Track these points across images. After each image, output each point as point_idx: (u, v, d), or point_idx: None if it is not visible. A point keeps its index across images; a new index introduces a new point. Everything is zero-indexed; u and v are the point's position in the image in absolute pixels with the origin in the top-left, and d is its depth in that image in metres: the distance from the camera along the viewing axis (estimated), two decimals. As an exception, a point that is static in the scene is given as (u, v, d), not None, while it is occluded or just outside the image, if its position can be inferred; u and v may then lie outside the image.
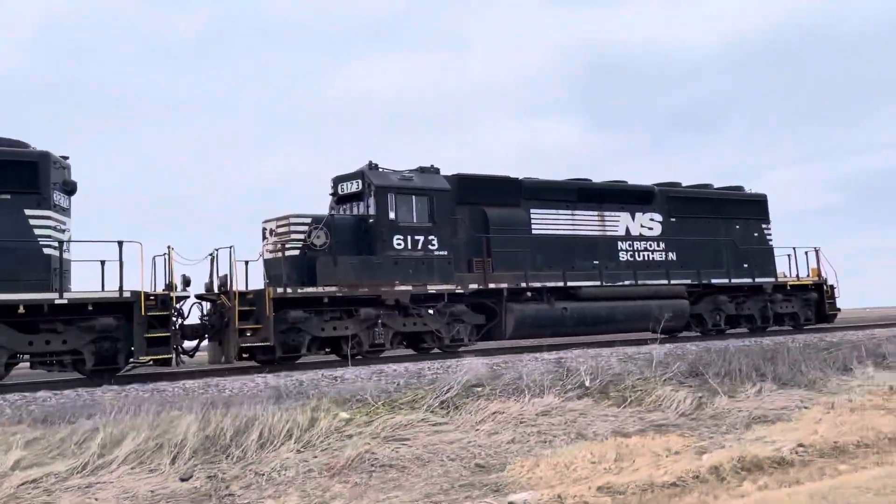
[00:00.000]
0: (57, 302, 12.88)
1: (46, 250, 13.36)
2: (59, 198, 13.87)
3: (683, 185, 22.13)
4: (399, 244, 16.39)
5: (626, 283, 19.32)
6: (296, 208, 17.04)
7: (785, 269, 23.24)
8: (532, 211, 18.65)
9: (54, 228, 13.59)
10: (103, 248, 14.37)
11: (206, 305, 15.50)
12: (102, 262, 14.81)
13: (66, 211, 14.18)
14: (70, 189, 14.21)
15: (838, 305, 23.46)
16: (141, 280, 13.72)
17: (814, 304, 23.02)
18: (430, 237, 16.74)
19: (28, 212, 13.26)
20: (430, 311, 16.75)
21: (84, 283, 14.59)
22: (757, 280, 21.71)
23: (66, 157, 14.36)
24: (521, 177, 18.85)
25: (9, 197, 13.15)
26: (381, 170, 16.95)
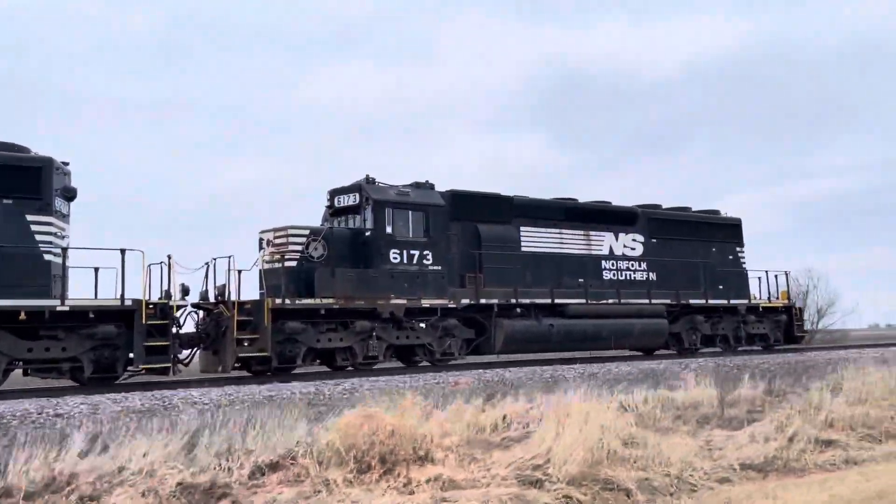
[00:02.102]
0: (59, 309, 12.81)
1: (47, 256, 13.28)
2: (59, 204, 13.80)
3: (664, 206, 22.84)
4: (395, 258, 16.65)
5: (610, 301, 19.86)
6: (290, 220, 17.22)
7: (755, 291, 24.13)
8: (522, 229, 19.09)
9: (55, 235, 13.51)
10: (98, 255, 14.22)
11: (200, 314, 15.56)
12: (96, 270, 14.78)
13: (66, 217, 14.11)
14: (70, 195, 14.15)
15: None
16: (143, 289, 13.74)
17: (783, 325, 23.91)
18: (426, 252, 17.04)
19: (30, 217, 13.16)
20: (423, 325, 17.01)
21: (77, 290, 14.52)
22: (732, 301, 22.49)
23: (66, 163, 14.29)
24: (512, 195, 19.29)
25: (11, 202, 13.06)
26: (378, 184, 17.21)
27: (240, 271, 15.81)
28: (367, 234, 16.73)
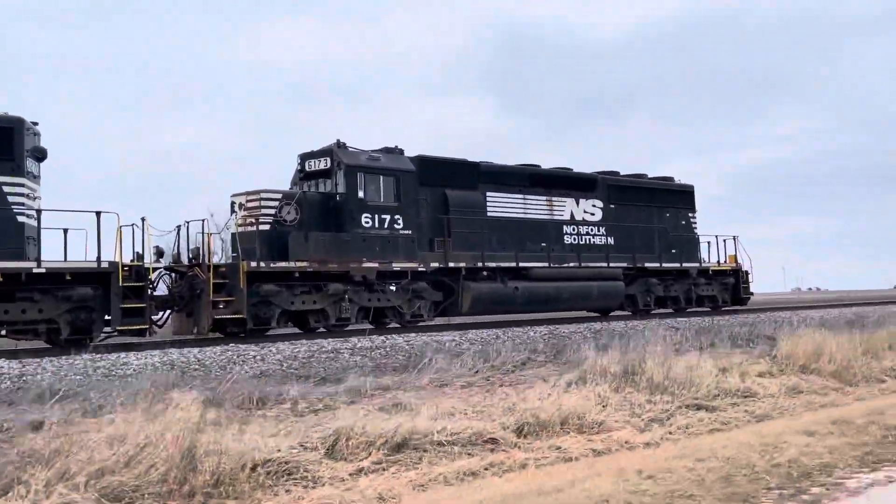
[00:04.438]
0: (35, 271, 12.79)
1: (20, 218, 13.19)
2: (30, 165, 13.65)
3: (621, 174, 23.59)
4: (367, 222, 16.96)
5: (571, 265, 20.59)
6: (261, 184, 17.27)
7: (705, 255, 25.24)
8: (488, 194, 19.57)
9: (27, 196, 13.41)
10: (68, 216, 14.10)
11: (173, 276, 15.64)
12: (65, 231, 14.68)
13: (37, 178, 13.96)
14: (41, 156, 14.00)
15: (751, 290, 25.69)
16: (117, 251, 13.77)
17: (730, 288, 25.12)
18: (396, 216, 17.38)
19: (1, 179, 13.03)
20: (393, 288, 17.42)
21: (48, 252, 14.42)
22: (684, 265, 23.52)
23: (35, 123, 14.09)
24: (478, 160, 19.70)
25: (-19, 163, 12.88)
26: (349, 149, 17.39)
27: (209, 234, 15.97)
28: (339, 198, 16.96)
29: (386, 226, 17.21)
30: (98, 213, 13.47)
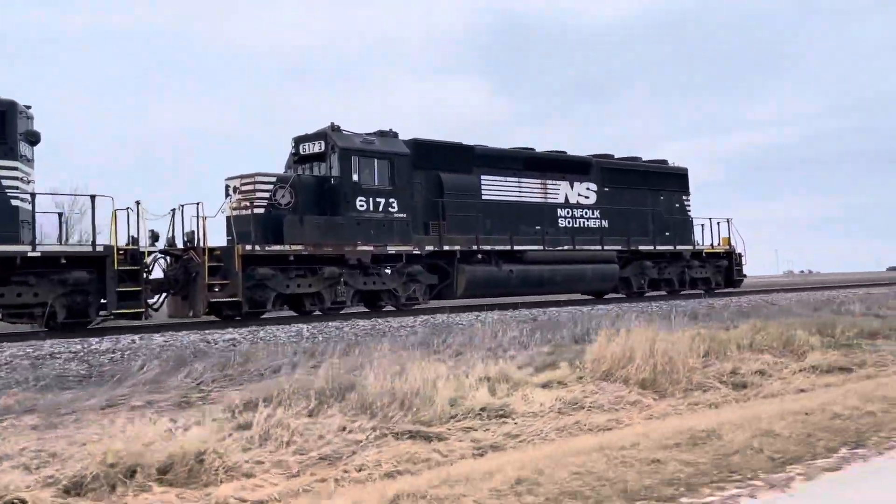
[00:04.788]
0: (30, 255, 12.79)
1: (14, 202, 13.15)
2: (24, 148, 13.60)
3: (616, 157, 23.62)
4: (362, 206, 16.98)
5: (565, 247, 20.68)
6: (264, 168, 17.26)
7: (699, 237, 25.34)
8: (482, 177, 19.59)
9: (21, 180, 13.37)
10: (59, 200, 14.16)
11: (168, 260, 15.65)
12: (60, 215, 14.69)
13: (30, 162, 13.92)
14: (34, 139, 13.95)
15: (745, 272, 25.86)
16: (113, 234, 13.78)
17: (724, 270, 25.28)
18: (391, 200, 17.41)
19: (-5, 162, 12.98)
20: (388, 271, 17.49)
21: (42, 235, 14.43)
22: (678, 247, 23.63)
23: (28, 107, 14.02)
24: (473, 144, 19.71)
25: (-26, 147, 12.83)
26: (343, 132, 17.37)
27: (204, 217, 15.96)
28: (334, 181, 16.96)
29: (381, 209, 17.24)
30: (93, 197, 13.51)
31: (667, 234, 23.63)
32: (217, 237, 16.52)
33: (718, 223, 25.41)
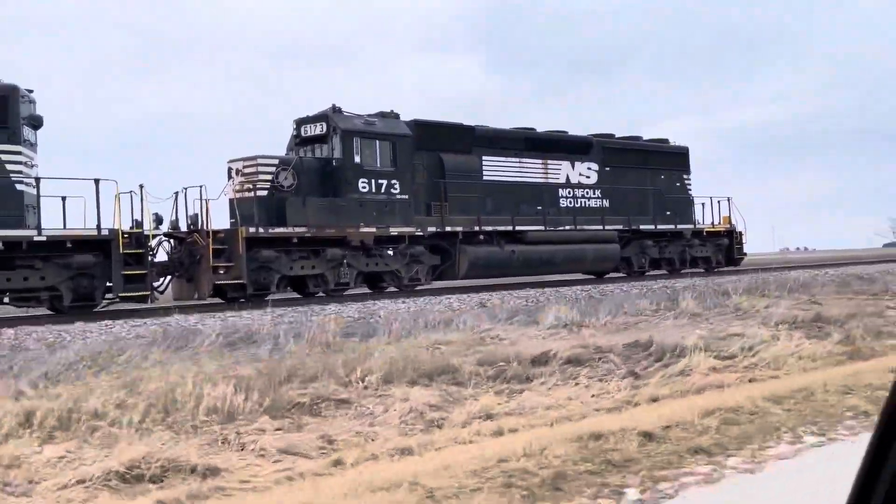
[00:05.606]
0: (36, 239, 12.86)
1: (19, 186, 13.21)
2: (27, 132, 13.62)
3: (616, 136, 23.61)
4: (364, 187, 17.02)
5: (567, 227, 20.74)
6: (261, 150, 17.27)
7: (700, 216, 25.40)
8: (484, 158, 19.61)
9: (25, 164, 13.41)
10: (66, 183, 14.18)
11: (172, 243, 15.73)
12: (63, 199, 14.72)
13: (34, 146, 13.94)
14: (37, 124, 13.98)
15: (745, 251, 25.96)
16: (117, 218, 13.84)
17: (724, 249, 25.37)
18: (393, 181, 17.45)
19: (-1, 147, 13.01)
20: (391, 252, 17.57)
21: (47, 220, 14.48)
22: (678, 227, 23.70)
23: (30, 91, 14.02)
24: (474, 125, 19.70)
25: (-23, 132, 12.85)
26: (345, 113, 17.36)
27: (207, 200, 16.01)
28: (335, 163, 16.99)
29: (383, 191, 17.28)
30: (97, 181, 13.53)
31: (668, 213, 23.67)
32: (220, 220, 16.67)
33: (719, 202, 25.50)
